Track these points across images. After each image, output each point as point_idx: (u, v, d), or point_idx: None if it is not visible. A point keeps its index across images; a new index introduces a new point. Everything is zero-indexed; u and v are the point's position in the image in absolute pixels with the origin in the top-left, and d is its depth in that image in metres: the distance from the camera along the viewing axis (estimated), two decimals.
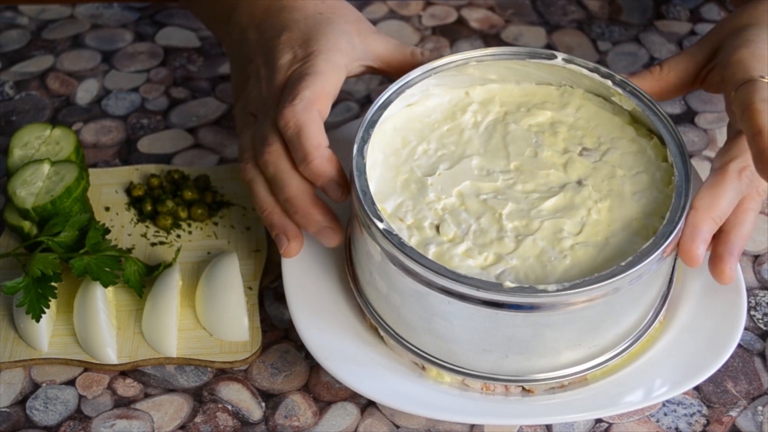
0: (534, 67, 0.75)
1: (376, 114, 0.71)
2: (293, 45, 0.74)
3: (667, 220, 0.65)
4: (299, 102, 0.70)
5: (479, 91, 0.76)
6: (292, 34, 0.75)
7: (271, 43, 0.75)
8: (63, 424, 0.71)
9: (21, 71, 0.97)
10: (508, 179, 0.71)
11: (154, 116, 0.92)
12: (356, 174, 0.67)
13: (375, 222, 0.65)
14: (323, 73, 0.72)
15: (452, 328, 0.65)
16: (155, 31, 1.01)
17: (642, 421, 0.70)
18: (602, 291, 0.63)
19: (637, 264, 0.63)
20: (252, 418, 0.71)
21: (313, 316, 0.71)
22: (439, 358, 0.68)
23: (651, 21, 1.01)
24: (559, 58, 0.74)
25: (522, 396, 0.68)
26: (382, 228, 0.64)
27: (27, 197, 0.76)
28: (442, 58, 0.74)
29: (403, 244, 0.64)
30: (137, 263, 0.75)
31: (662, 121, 0.71)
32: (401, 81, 0.73)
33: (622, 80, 0.73)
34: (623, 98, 0.73)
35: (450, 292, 0.63)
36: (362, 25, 0.77)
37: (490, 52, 0.75)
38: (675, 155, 0.69)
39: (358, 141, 0.69)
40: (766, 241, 0.81)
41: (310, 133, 0.69)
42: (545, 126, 0.74)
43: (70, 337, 0.74)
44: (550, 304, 0.62)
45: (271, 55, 0.75)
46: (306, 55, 0.73)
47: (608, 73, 0.74)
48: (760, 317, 0.76)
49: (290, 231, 0.71)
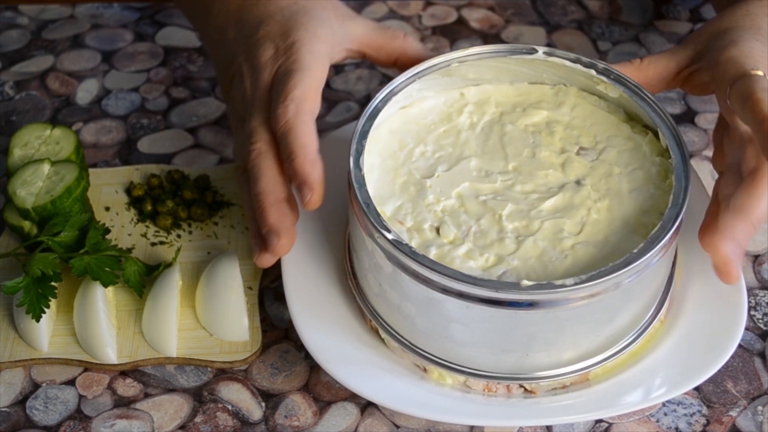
0: (515, 63, 0.75)
1: (367, 124, 0.70)
2: (274, 38, 0.74)
3: (672, 202, 0.66)
4: (290, 102, 0.70)
5: (474, 91, 0.76)
6: (270, 27, 0.74)
7: (250, 40, 0.75)
8: (63, 424, 0.71)
9: (21, 71, 0.97)
10: (506, 180, 0.71)
11: (154, 116, 0.92)
12: (356, 187, 0.66)
13: (384, 233, 0.64)
14: (309, 68, 0.71)
15: (471, 333, 0.65)
16: (155, 31, 1.01)
17: (642, 421, 0.70)
18: (622, 277, 0.63)
19: (653, 246, 0.63)
20: (252, 418, 0.71)
21: (314, 317, 0.71)
22: (458, 364, 0.67)
23: (651, 21, 1.01)
24: (540, 51, 0.74)
25: (523, 397, 0.68)
26: (392, 239, 0.64)
27: (27, 197, 0.76)
28: (423, 62, 0.73)
29: (415, 253, 0.63)
30: (137, 263, 0.75)
31: (651, 105, 0.71)
32: (387, 88, 0.72)
33: (605, 68, 0.73)
34: (609, 86, 0.73)
35: (468, 296, 0.63)
36: (339, 9, 0.77)
37: (471, 52, 0.74)
38: (668, 138, 0.70)
39: (353, 153, 0.68)
40: (766, 241, 0.81)
41: (299, 133, 0.69)
42: (541, 126, 0.74)
43: (70, 337, 0.74)
44: (568, 298, 0.62)
45: (252, 52, 0.74)
46: (288, 47, 0.73)
47: (590, 62, 0.74)
48: (760, 317, 0.76)
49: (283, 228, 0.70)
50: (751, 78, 0.66)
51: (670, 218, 0.65)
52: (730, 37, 0.71)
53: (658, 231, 0.64)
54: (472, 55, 0.74)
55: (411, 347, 0.69)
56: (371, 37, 0.77)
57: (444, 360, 0.68)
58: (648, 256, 0.63)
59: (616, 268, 0.62)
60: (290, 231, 0.70)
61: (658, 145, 0.72)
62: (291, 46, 0.73)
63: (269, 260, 0.70)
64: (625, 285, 0.64)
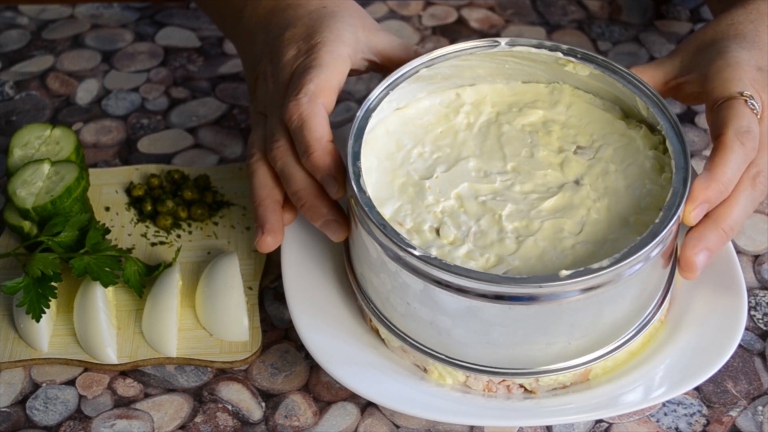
0: (479, 59, 0.74)
1: (356, 145, 0.68)
2: (297, 40, 0.74)
3: (675, 176, 0.66)
4: (303, 95, 0.70)
5: (469, 92, 0.76)
6: (296, 29, 0.75)
7: (276, 41, 0.76)
8: (63, 424, 0.71)
9: (21, 71, 0.97)
10: (505, 180, 0.71)
11: (154, 116, 0.92)
12: (367, 209, 0.65)
13: (411, 251, 0.63)
14: (327, 66, 0.72)
15: (513, 333, 0.64)
16: (155, 31, 1.01)
17: (642, 421, 0.70)
18: (654, 249, 0.64)
19: (670, 220, 0.64)
20: (252, 418, 0.71)
21: (314, 317, 0.71)
22: (499, 367, 0.67)
23: (651, 21, 1.01)
24: (503, 43, 0.73)
25: (523, 397, 0.68)
26: (420, 254, 0.63)
27: (27, 197, 0.76)
28: (393, 73, 0.72)
29: (447, 264, 0.62)
30: (137, 263, 0.75)
31: (625, 78, 0.72)
32: (363, 108, 0.71)
33: (570, 48, 0.73)
34: (577, 66, 0.73)
35: (510, 297, 0.62)
36: (366, 20, 0.78)
37: (436, 55, 0.73)
38: (652, 107, 0.70)
39: (353, 177, 0.66)
40: (766, 241, 0.81)
41: (312, 126, 0.69)
42: (538, 125, 0.74)
43: (70, 337, 0.74)
44: (607, 280, 0.62)
45: (276, 52, 0.75)
46: (309, 48, 0.73)
47: (554, 45, 0.73)
48: (760, 317, 0.76)
49: (268, 224, 0.71)
50: (732, 107, 0.68)
51: (677, 189, 0.65)
52: (716, 49, 0.72)
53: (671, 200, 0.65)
54: (437, 57, 0.73)
55: (449, 360, 0.67)
56: (395, 52, 0.77)
57: (485, 366, 0.67)
58: (668, 227, 0.63)
59: (645, 243, 0.62)
60: (342, 214, 0.70)
61: (652, 138, 0.72)
62: (313, 47, 0.73)
63: (340, 232, 0.70)
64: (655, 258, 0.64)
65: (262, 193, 0.72)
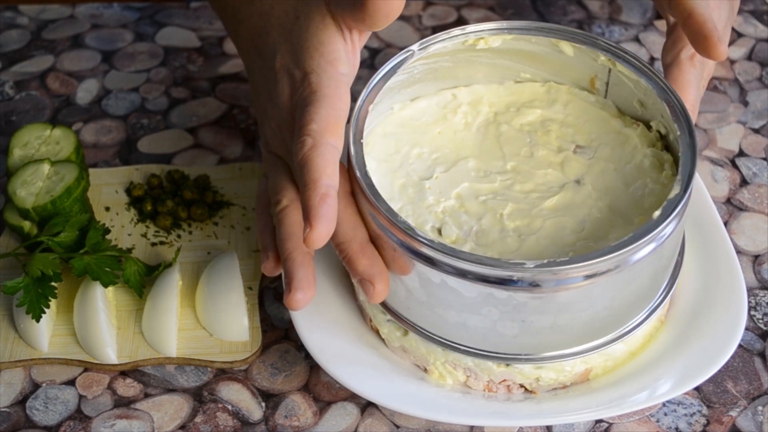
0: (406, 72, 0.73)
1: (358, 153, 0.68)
2: (288, 69, 0.69)
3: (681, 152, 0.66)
4: (307, 137, 0.64)
5: (465, 92, 0.76)
6: (284, 59, 0.70)
7: (268, 74, 0.71)
8: (63, 424, 0.71)
9: (21, 71, 0.97)
10: (505, 180, 0.71)
11: (154, 116, 0.92)
12: (409, 234, 0.63)
13: (419, 239, 0.62)
14: (326, 97, 0.66)
15: (519, 321, 0.64)
16: (155, 31, 1.01)
17: (642, 421, 0.70)
18: (668, 229, 0.64)
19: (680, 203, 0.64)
20: (252, 418, 0.71)
21: (314, 317, 0.71)
22: (504, 353, 0.66)
23: (651, 21, 1.01)
24: (416, 49, 0.71)
25: (523, 397, 0.68)
26: (428, 242, 0.62)
27: (27, 197, 0.76)
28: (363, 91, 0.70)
29: (454, 250, 0.61)
30: (137, 263, 0.75)
31: (607, 49, 0.72)
32: (355, 113, 0.69)
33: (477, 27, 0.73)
34: (488, 39, 0.73)
35: (513, 282, 0.61)
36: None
37: (375, 80, 0.71)
38: (640, 76, 0.71)
39: (384, 208, 0.64)
40: (766, 241, 0.81)
41: (312, 167, 0.63)
42: (536, 125, 0.74)
43: (70, 337, 0.74)
44: (614, 265, 0.62)
45: (272, 91, 0.70)
46: (303, 77, 0.68)
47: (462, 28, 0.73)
48: (760, 317, 0.76)
49: (296, 281, 0.65)
50: None
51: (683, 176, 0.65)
52: None
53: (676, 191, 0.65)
54: (378, 81, 0.71)
55: (452, 345, 0.67)
56: None
57: (490, 351, 0.66)
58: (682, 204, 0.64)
59: (658, 222, 0.63)
60: (384, 273, 0.66)
61: (649, 136, 0.72)
62: (306, 77, 0.67)
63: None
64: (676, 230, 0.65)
65: (290, 245, 0.66)
